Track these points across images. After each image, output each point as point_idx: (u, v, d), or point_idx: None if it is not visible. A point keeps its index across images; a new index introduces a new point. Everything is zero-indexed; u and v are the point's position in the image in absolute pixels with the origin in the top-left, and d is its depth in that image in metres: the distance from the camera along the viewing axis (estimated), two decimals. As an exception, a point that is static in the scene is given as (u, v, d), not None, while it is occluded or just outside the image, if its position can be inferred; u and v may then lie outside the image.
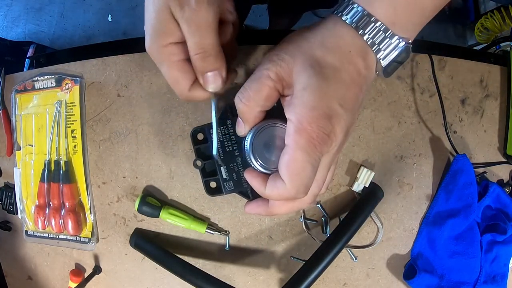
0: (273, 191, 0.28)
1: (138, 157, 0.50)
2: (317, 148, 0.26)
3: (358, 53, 0.27)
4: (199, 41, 0.27)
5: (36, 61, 0.54)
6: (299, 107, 0.26)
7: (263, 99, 0.28)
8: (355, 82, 0.27)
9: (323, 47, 0.26)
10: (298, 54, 0.27)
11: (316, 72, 0.26)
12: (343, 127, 0.27)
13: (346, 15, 0.27)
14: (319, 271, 0.42)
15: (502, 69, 0.50)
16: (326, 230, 0.48)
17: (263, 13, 1.19)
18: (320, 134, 0.25)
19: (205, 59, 0.28)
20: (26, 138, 0.53)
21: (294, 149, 0.26)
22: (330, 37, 0.27)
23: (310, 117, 0.25)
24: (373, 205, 0.47)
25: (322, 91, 0.26)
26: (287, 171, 0.26)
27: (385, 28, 0.26)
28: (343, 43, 0.27)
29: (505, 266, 0.49)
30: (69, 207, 0.51)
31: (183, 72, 0.29)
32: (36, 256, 0.55)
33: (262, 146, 0.30)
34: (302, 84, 0.26)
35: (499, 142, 0.50)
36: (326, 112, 0.25)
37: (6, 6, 1.59)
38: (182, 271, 0.45)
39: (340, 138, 0.27)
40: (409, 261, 0.50)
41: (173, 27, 0.27)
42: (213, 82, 0.29)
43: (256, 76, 0.28)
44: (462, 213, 0.46)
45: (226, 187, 0.35)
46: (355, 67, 0.27)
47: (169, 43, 0.28)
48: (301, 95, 0.26)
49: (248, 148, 0.30)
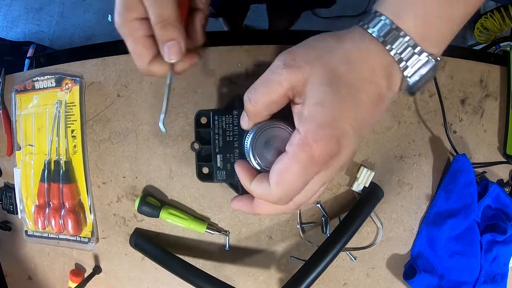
0: (257, 189, 0.28)
1: (138, 157, 0.50)
2: (315, 166, 0.25)
3: (382, 71, 0.25)
4: (159, 11, 0.28)
5: (36, 61, 0.54)
6: (309, 121, 0.25)
7: (271, 103, 0.28)
8: (373, 105, 0.26)
9: (346, 62, 0.25)
10: (318, 65, 0.25)
11: (334, 89, 0.25)
12: (349, 152, 0.26)
13: (373, 27, 0.25)
14: (319, 271, 0.42)
15: (502, 69, 0.50)
16: (326, 230, 0.48)
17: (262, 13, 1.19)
18: (323, 155, 0.24)
19: (164, 27, 0.29)
20: (26, 138, 0.53)
21: (291, 160, 0.25)
22: (356, 52, 0.25)
23: (318, 135, 0.24)
24: (373, 205, 0.47)
25: (336, 111, 0.24)
26: (277, 177, 0.26)
27: (414, 44, 0.25)
28: (369, 59, 0.25)
29: (505, 266, 0.49)
30: (69, 207, 0.51)
31: (145, 47, 0.30)
32: (36, 256, 0.55)
33: (262, 145, 0.30)
34: (317, 99, 0.25)
35: (499, 142, 0.50)
36: (336, 133, 0.24)
37: (6, 6, 1.59)
38: (182, 271, 0.45)
39: (343, 161, 0.26)
40: (409, 261, 0.50)
41: (137, 3, 0.28)
42: (172, 52, 0.30)
43: (267, 79, 0.27)
44: (462, 213, 0.46)
45: (218, 176, 0.35)
46: (376, 88, 0.25)
47: (134, 18, 0.29)
48: (313, 110, 0.25)
49: (248, 146, 0.30)
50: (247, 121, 0.31)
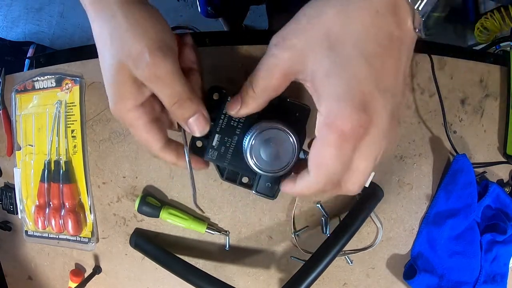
0: (302, 185, 0.26)
1: (138, 157, 0.50)
2: (349, 143, 0.22)
3: (387, 9, 0.22)
4: (169, 92, 0.26)
5: (36, 61, 0.54)
6: (325, 98, 0.22)
7: (272, 89, 0.25)
8: (388, 51, 0.22)
9: (342, 17, 0.22)
10: (311, 34, 0.22)
11: (337, 53, 0.22)
12: (385, 112, 0.22)
13: None
14: (319, 271, 0.42)
15: (502, 69, 0.50)
16: (326, 230, 0.48)
17: (262, 13, 1.19)
18: (353, 128, 0.22)
19: (182, 105, 0.26)
20: (26, 138, 0.53)
21: (321, 145, 0.23)
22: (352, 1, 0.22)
23: (339, 110, 0.22)
24: (373, 205, 0.47)
25: (348, 75, 0.21)
26: (313, 166, 0.24)
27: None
28: (366, 3, 0.22)
29: (505, 266, 0.49)
30: (69, 207, 0.51)
31: (152, 134, 0.28)
32: (36, 256, 0.55)
33: (259, 146, 0.30)
34: (322, 71, 0.22)
35: (499, 142, 0.50)
36: (359, 100, 0.21)
37: (6, 6, 1.59)
38: (182, 271, 0.45)
39: (383, 125, 0.23)
40: (409, 261, 0.50)
41: (134, 89, 0.26)
42: (199, 125, 0.28)
43: (263, 63, 0.25)
44: (462, 213, 0.46)
45: (209, 153, 0.34)
46: (385, 30, 0.22)
47: (132, 107, 0.26)
48: (324, 84, 0.22)
49: (246, 146, 0.30)
50: (239, 107, 0.28)
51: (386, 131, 0.24)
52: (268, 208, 0.49)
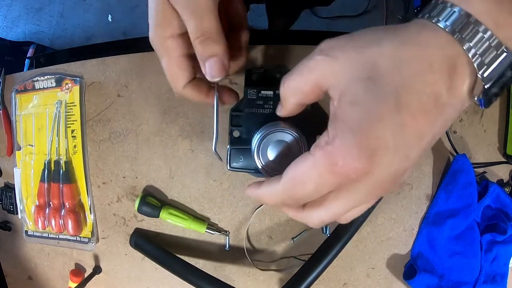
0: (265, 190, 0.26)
1: (138, 157, 0.50)
2: (335, 179, 0.21)
3: (443, 66, 0.19)
4: (198, 24, 0.25)
5: (36, 61, 0.54)
6: (339, 122, 0.21)
7: (303, 92, 0.24)
8: (426, 111, 0.20)
9: (395, 57, 0.20)
10: (358, 57, 0.21)
11: (374, 87, 0.20)
12: (388, 170, 0.20)
13: (437, 16, 0.20)
14: (319, 271, 0.42)
15: (502, 69, 0.50)
16: (326, 230, 0.48)
17: (262, 13, 1.19)
18: (346, 167, 0.20)
19: (205, 42, 0.26)
20: (26, 138, 0.53)
21: (310, 163, 0.22)
22: (410, 44, 0.20)
23: (346, 142, 0.20)
24: (373, 205, 0.47)
25: (373, 114, 0.19)
26: (289, 174, 0.23)
27: (490, 34, 0.19)
28: (427, 52, 0.20)
29: (505, 266, 0.49)
30: (69, 207, 0.51)
31: (181, 69, 0.28)
32: (36, 256, 0.55)
33: (267, 147, 0.30)
34: (352, 97, 0.20)
35: (499, 142, 0.50)
36: (369, 144, 0.20)
37: (6, 6, 1.59)
38: (182, 271, 0.45)
39: (378, 181, 0.21)
40: (409, 261, 0.50)
41: (171, 18, 0.26)
42: (213, 70, 0.27)
43: (302, 63, 0.24)
44: (462, 213, 0.46)
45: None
46: (433, 89, 0.20)
47: (169, 36, 0.27)
48: (346, 109, 0.21)
49: (254, 145, 0.30)
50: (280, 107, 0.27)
51: (377, 190, 0.22)
52: (268, 208, 0.49)
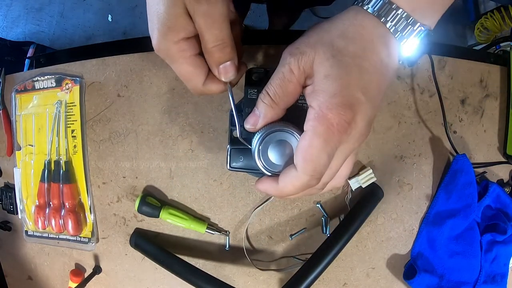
0: (286, 181, 0.28)
1: (138, 157, 0.50)
2: (335, 136, 0.25)
3: (380, 41, 0.27)
4: (217, 33, 0.27)
5: (36, 61, 0.54)
6: (321, 94, 0.26)
7: (289, 95, 0.28)
8: (378, 71, 0.27)
9: (344, 37, 0.26)
10: (319, 45, 0.27)
11: (338, 61, 0.26)
12: (365, 116, 0.26)
13: (367, 4, 0.27)
14: (319, 271, 0.42)
15: (502, 69, 0.50)
16: (326, 230, 0.48)
17: (262, 13, 1.19)
18: (340, 122, 0.25)
19: (223, 50, 0.28)
20: (26, 138, 0.53)
21: (311, 136, 0.26)
22: (351, 27, 0.27)
23: (331, 104, 0.25)
24: (373, 205, 0.47)
25: (344, 79, 0.26)
26: (302, 156, 0.26)
27: (407, 15, 0.26)
28: (365, 32, 0.27)
29: (505, 266, 0.49)
30: (69, 207, 0.51)
31: (196, 67, 0.29)
32: (36, 256, 0.55)
33: (268, 147, 0.30)
34: (324, 73, 0.26)
35: (499, 142, 0.50)
36: (348, 100, 0.25)
37: (6, 6, 1.59)
38: (182, 271, 0.45)
39: (361, 128, 0.27)
40: (409, 261, 0.50)
41: (186, 22, 0.27)
42: (229, 72, 0.29)
43: (278, 71, 0.28)
44: (462, 213, 0.46)
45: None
46: (377, 55, 0.27)
47: (181, 39, 0.28)
48: (323, 83, 0.26)
49: (254, 146, 0.30)
50: (258, 119, 0.29)
51: (362, 135, 0.27)
52: (268, 208, 0.49)
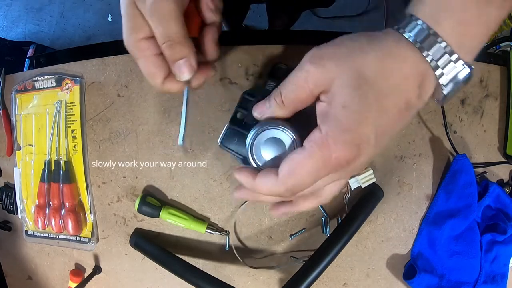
0: (262, 181, 0.27)
1: (138, 157, 0.50)
2: (328, 167, 0.24)
3: (415, 79, 0.24)
4: (164, 30, 0.27)
5: (36, 61, 0.54)
6: (332, 122, 0.24)
7: (299, 101, 0.27)
8: (398, 114, 0.25)
9: (378, 67, 0.24)
10: (346, 65, 0.24)
11: (361, 94, 0.24)
12: (366, 158, 0.25)
13: (409, 32, 0.24)
14: (319, 271, 0.42)
15: (502, 69, 0.50)
16: (326, 230, 0.48)
17: (262, 13, 1.19)
18: (339, 158, 0.24)
19: (172, 47, 0.28)
20: (26, 138, 0.53)
21: (306, 156, 0.25)
22: (390, 58, 0.24)
23: (339, 139, 0.24)
24: (373, 205, 0.47)
25: (361, 116, 0.24)
26: (288, 168, 0.25)
27: (451, 51, 0.24)
28: (405, 66, 0.24)
29: (505, 266, 0.49)
30: (69, 207, 0.51)
31: (157, 67, 0.30)
32: (36, 256, 0.55)
33: (261, 144, 0.30)
34: (343, 101, 0.24)
35: (499, 142, 0.50)
36: (358, 139, 0.24)
37: (6, 6, 1.59)
38: (182, 271, 0.45)
39: (357, 166, 0.26)
40: (409, 261, 0.50)
41: (142, 22, 0.28)
42: (183, 71, 0.29)
43: (294, 75, 0.27)
44: (462, 213, 0.46)
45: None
46: (406, 97, 0.24)
47: (141, 38, 0.28)
48: (338, 112, 0.24)
49: (248, 143, 0.30)
50: (264, 112, 0.29)
51: (355, 171, 0.27)
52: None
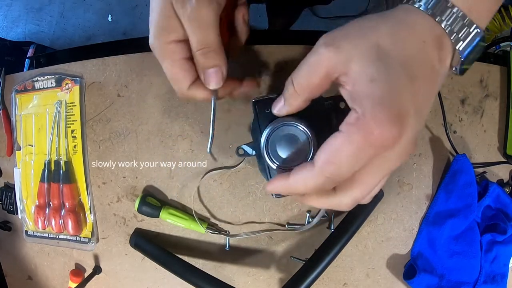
0: (298, 177, 0.26)
1: (138, 157, 0.50)
2: (371, 149, 0.22)
3: (433, 43, 0.23)
4: (201, 38, 0.27)
5: (36, 61, 0.54)
6: (365, 99, 0.22)
7: (314, 87, 0.26)
8: (428, 79, 0.24)
9: (393, 37, 0.23)
10: (362, 42, 0.23)
11: (385, 64, 0.22)
12: (412, 131, 0.23)
13: (419, 1, 0.24)
14: (319, 271, 0.42)
15: (502, 69, 0.50)
16: (331, 226, 0.48)
17: (262, 13, 1.19)
18: (382, 136, 0.22)
19: (207, 55, 0.28)
20: (26, 138, 0.53)
21: (344, 140, 0.23)
22: (402, 25, 0.24)
23: (377, 113, 0.22)
24: (373, 205, 0.47)
25: (392, 86, 0.22)
26: (325, 156, 0.24)
27: (463, 15, 0.23)
28: (418, 32, 0.23)
29: (505, 266, 0.49)
30: (69, 207, 0.51)
31: (184, 71, 0.29)
32: (36, 256, 0.55)
33: (276, 142, 0.30)
34: (369, 76, 0.22)
35: (499, 142, 0.50)
36: (397, 110, 0.22)
37: (6, 6, 1.59)
38: (182, 271, 0.45)
39: (406, 144, 0.23)
40: (409, 261, 0.50)
41: (176, 24, 0.27)
42: (214, 79, 0.29)
43: (308, 60, 0.25)
44: (462, 213, 0.46)
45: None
46: (429, 61, 0.24)
47: (172, 41, 0.28)
48: (368, 87, 0.22)
49: (263, 142, 0.30)
50: (282, 106, 0.28)
51: (406, 152, 0.24)
52: (268, 208, 0.49)
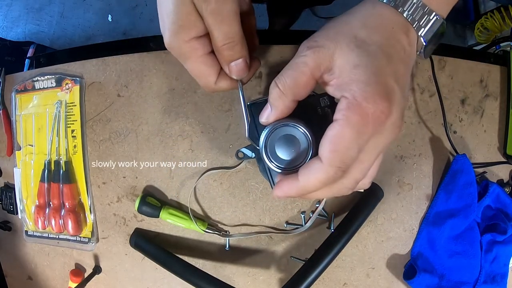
0: (309, 176, 0.26)
1: (138, 157, 0.50)
2: (369, 127, 0.24)
3: (401, 29, 0.26)
4: (226, 31, 0.27)
5: (36, 61, 0.54)
6: (353, 84, 0.24)
7: (299, 87, 0.27)
8: (402, 60, 0.26)
9: (365, 27, 0.26)
10: (340, 37, 0.26)
11: (365, 50, 0.25)
12: (399, 106, 0.25)
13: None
14: (319, 271, 0.42)
15: (502, 69, 0.50)
16: (331, 226, 0.48)
17: (262, 13, 1.19)
18: (376, 112, 0.24)
19: (233, 48, 0.28)
20: (26, 138, 0.53)
21: (343, 125, 0.24)
22: (371, 17, 0.27)
23: (367, 92, 0.24)
24: (373, 205, 0.47)
25: (375, 68, 0.24)
26: (329, 146, 0.24)
27: (423, 4, 0.26)
28: (386, 21, 0.26)
29: (505, 266, 0.49)
30: (69, 207, 0.51)
31: (209, 66, 0.29)
32: (36, 256, 0.55)
33: (275, 143, 0.30)
34: (352, 63, 0.25)
35: (499, 142, 0.50)
36: (383, 88, 0.24)
37: (6, 6, 1.59)
38: (182, 271, 0.45)
39: (396, 119, 0.25)
40: (409, 261, 0.50)
41: (196, 21, 0.27)
42: (240, 70, 0.29)
43: (293, 63, 0.27)
44: (462, 213, 0.46)
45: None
46: (400, 44, 0.26)
47: (192, 38, 0.28)
48: (353, 74, 0.25)
49: (261, 143, 0.30)
50: (270, 112, 0.29)
51: (397, 126, 0.26)
52: (268, 208, 0.49)
